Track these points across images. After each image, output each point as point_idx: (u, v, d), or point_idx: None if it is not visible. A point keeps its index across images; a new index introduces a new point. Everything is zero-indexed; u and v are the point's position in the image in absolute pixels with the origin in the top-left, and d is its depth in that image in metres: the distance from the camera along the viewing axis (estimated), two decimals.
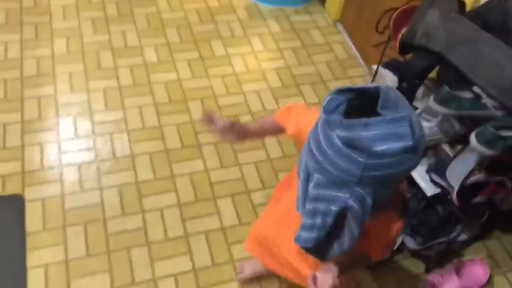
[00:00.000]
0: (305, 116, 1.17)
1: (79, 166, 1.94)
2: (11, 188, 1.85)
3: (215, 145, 2.08)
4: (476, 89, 1.37)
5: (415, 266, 1.81)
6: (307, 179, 0.90)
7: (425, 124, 1.48)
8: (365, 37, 2.48)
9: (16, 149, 1.97)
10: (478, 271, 1.77)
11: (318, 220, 0.88)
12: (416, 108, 1.51)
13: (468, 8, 1.55)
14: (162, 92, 2.25)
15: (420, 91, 1.51)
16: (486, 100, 1.35)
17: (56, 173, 1.91)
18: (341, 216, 0.87)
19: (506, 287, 1.80)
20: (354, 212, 0.86)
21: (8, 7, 2.56)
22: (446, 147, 1.54)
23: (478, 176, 1.42)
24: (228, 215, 1.87)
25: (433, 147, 1.60)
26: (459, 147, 1.54)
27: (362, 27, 2.50)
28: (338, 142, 0.81)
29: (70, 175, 1.91)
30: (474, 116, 1.36)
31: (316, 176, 0.86)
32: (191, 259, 1.74)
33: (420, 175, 1.63)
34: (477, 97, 1.36)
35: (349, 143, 0.80)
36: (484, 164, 1.40)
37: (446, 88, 1.34)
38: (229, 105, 2.25)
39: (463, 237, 1.77)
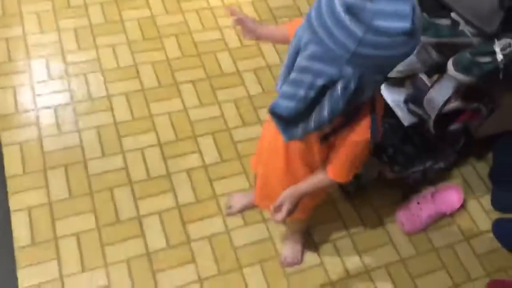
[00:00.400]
0: None
1: (55, 109, 1.91)
2: None
3: (192, 82, 2.05)
4: (454, 15, 1.36)
5: (393, 194, 1.87)
6: (296, 53, 0.88)
7: None
8: None
9: None
10: (452, 196, 1.84)
11: (301, 92, 0.88)
12: None
13: None
14: (135, 30, 2.18)
15: None
16: (463, 27, 1.35)
17: (32, 116, 1.87)
18: (321, 94, 0.88)
19: (479, 210, 1.88)
20: (335, 92, 0.87)
21: None
22: (424, 77, 1.55)
23: (455, 104, 1.44)
24: (209, 153, 1.88)
25: (411, 77, 1.60)
26: (436, 76, 1.55)
27: None
28: (339, 8, 0.79)
29: (47, 118, 1.88)
30: (451, 43, 1.35)
31: (309, 48, 0.85)
32: (175, 196, 1.77)
33: (397, 105, 1.65)
34: (455, 24, 1.36)
35: (350, 10, 0.78)
36: (461, 91, 1.42)
37: (424, 15, 1.32)
38: (205, 41, 2.20)
39: (439, 165, 1.82)
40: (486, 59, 1.29)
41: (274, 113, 0.95)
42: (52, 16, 2.17)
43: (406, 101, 1.62)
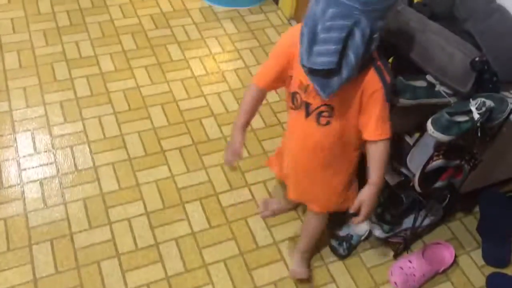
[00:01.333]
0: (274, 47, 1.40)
1: (41, 182, 1.90)
2: None
3: (179, 149, 2.07)
4: (429, 77, 1.42)
5: (384, 254, 1.86)
6: (315, 25, 1.11)
7: None
8: None
9: None
10: (444, 253, 1.83)
11: (332, 46, 1.10)
12: None
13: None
14: (121, 101, 2.22)
15: None
16: (439, 88, 1.40)
17: (17, 191, 1.86)
18: (345, 46, 1.10)
19: (471, 266, 1.87)
20: (355, 40, 1.10)
21: None
22: (406, 137, 1.58)
23: (437, 162, 1.47)
24: (197, 219, 1.86)
25: (394, 137, 1.63)
26: (417, 135, 1.59)
27: None
28: None
29: (32, 192, 1.86)
30: (429, 104, 1.40)
31: (329, 11, 1.08)
32: (163, 266, 1.73)
33: None
34: (431, 85, 1.41)
35: None
36: (442, 149, 1.45)
37: (400, 78, 1.38)
38: (190, 109, 2.24)
39: (427, 221, 1.82)
40: (464, 118, 1.33)
41: (313, 70, 1.14)
42: (39, 90, 2.21)
43: (390, 161, 1.65)
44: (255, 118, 1.93)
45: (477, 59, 1.30)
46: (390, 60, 1.53)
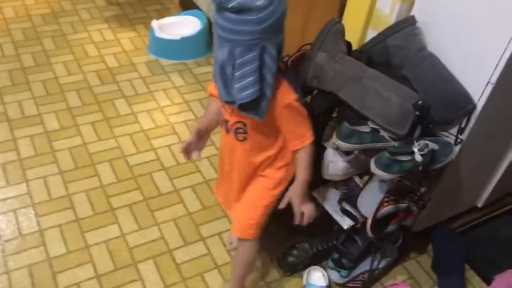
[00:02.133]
0: None
1: None
2: None
3: (129, 206, 2.01)
4: (371, 123, 1.46)
5: None
6: (222, 66, 1.19)
7: (341, 160, 1.55)
8: None
9: None
10: None
11: (250, 78, 1.18)
12: (325, 148, 1.57)
13: (354, 47, 1.67)
14: (67, 159, 2.15)
15: (326, 133, 1.58)
16: (383, 133, 1.44)
17: None
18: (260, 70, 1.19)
19: None
20: (267, 63, 1.18)
21: None
22: (356, 178, 1.61)
23: (388, 208, 1.50)
24: (151, 279, 1.79)
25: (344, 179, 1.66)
26: (367, 177, 1.62)
27: None
28: (232, 16, 1.12)
29: None
30: (375, 148, 1.44)
31: (235, 51, 1.16)
32: None
33: (333, 208, 1.68)
34: (375, 130, 1.45)
35: (239, 11, 1.11)
36: (391, 195, 1.48)
37: (346, 124, 1.41)
38: (140, 164, 2.20)
39: (383, 263, 1.83)
40: (405, 158, 1.37)
41: (243, 104, 1.21)
42: None
43: (339, 201, 1.67)
44: (204, 167, 1.92)
45: (420, 102, 1.36)
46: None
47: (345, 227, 1.65)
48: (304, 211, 1.43)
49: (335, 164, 1.59)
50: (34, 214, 1.93)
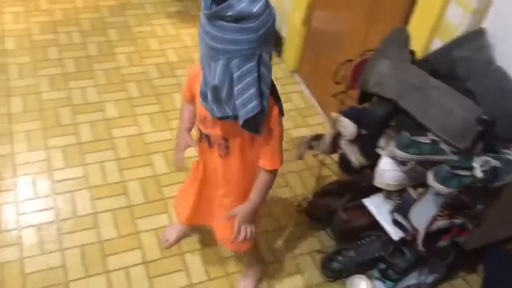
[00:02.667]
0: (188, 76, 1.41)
1: (39, 227, 1.87)
2: None
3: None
4: (431, 134, 1.43)
5: None
6: (215, 85, 1.12)
7: (396, 170, 1.52)
8: (322, 86, 2.56)
9: None
10: None
11: (251, 90, 1.12)
12: (379, 156, 1.55)
13: (418, 56, 1.64)
14: (124, 147, 2.23)
15: (383, 140, 1.56)
16: (443, 145, 1.41)
17: (14, 236, 1.83)
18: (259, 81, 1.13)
19: None
20: (263, 75, 1.13)
21: None
22: (410, 190, 1.58)
23: (441, 223, 1.46)
24: (196, 271, 1.82)
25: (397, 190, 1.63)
26: (421, 190, 1.58)
27: (319, 77, 2.59)
28: (229, 24, 1.04)
29: (30, 238, 1.83)
30: (433, 160, 1.41)
31: (232, 63, 1.09)
32: None
33: (384, 218, 1.66)
34: (435, 142, 1.42)
35: (238, 19, 1.03)
36: (446, 209, 1.45)
37: (406, 133, 1.39)
38: (193, 157, 2.23)
39: (430, 278, 1.79)
40: (465, 172, 1.33)
41: (248, 120, 1.16)
42: (42, 134, 2.22)
43: (392, 211, 1.64)
44: None
45: (484, 117, 1.32)
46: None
47: (395, 238, 1.62)
48: (242, 232, 1.41)
49: (390, 173, 1.56)
50: (90, 197, 2.00)
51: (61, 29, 2.86)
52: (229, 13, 1.02)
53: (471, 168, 1.34)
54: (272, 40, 1.14)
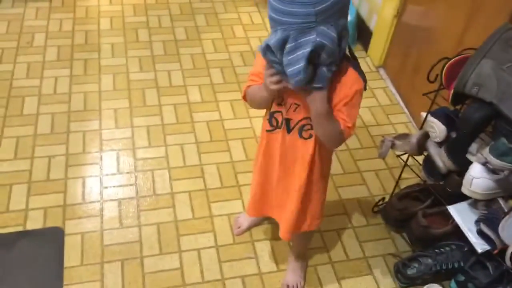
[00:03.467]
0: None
1: (120, 202, 1.95)
2: (52, 221, 1.86)
3: None
4: None
5: None
6: (281, 47, 1.09)
7: (487, 178, 1.42)
8: (409, 84, 2.45)
9: (60, 181, 1.99)
10: None
11: (301, 64, 1.08)
12: (468, 162, 1.46)
13: None
14: (204, 131, 2.26)
15: (475, 146, 1.47)
16: None
17: (96, 208, 1.92)
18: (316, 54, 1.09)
19: None
20: (327, 48, 1.08)
21: (60, 44, 2.66)
22: (501, 200, 1.47)
23: None
24: (266, 260, 1.82)
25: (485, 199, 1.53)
26: None
27: (406, 74, 2.48)
28: None
29: (110, 211, 1.92)
30: None
31: (291, 35, 1.07)
32: None
33: (468, 227, 1.56)
34: None
35: None
36: None
37: (503, 140, 1.29)
38: None
39: None
40: None
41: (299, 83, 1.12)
42: (128, 113, 2.31)
43: (478, 221, 1.54)
44: (333, 165, 1.87)
45: None
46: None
47: (479, 250, 1.52)
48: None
49: (480, 181, 1.47)
50: (169, 177, 2.06)
51: (151, 12, 2.95)
52: None
53: None
54: (344, 14, 1.12)
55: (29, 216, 1.86)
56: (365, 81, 1.26)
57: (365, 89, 1.26)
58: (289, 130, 1.36)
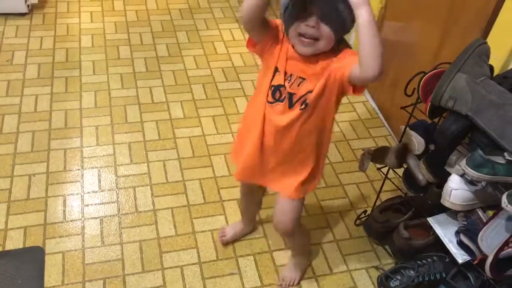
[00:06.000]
0: None
1: (101, 220, 1.93)
2: (32, 240, 1.83)
3: (237, 201, 2.06)
4: (507, 154, 1.35)
5: None
6: None
7: (466, 189, 1.45)
8: (388, 98, 2.49)
9: (40, 200, 1.97)
10: None
11: None
12: (447, 174, 1.49)
13: (496, 72, 1.56)
14: (187, 147, 2.26)
15: (453, 158, 1.49)
16: None
17: (78, 226, 1.90)
18: None
19: None
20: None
21: (41, 62, 2.65)
22: (479, 211, 1.50)
23: None
24: (249, 275, 1.82)
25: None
26: (491, 213, 1.50)
27: (385, 88, 2.52)
28: None
29: (92, 229, 1.90)
30: (508, 182, 1.33)
31: None
32: None
33: (449, 238, 1.58)
34: (510, 162, 1.34)
35: None
36: None
37: (479, 152, 1.32)
38: None
39: None
40: None
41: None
42: (110, 130, 2.30)
43: (457, 232, 1.56)
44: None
45: None
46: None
47: (460, 261, 1.54)
48: None
49: (459, 192, 1.49)
50: (151, 194, 2.05)
51: (133, 29, 2.96)
52: None
53: None
54: None
55: (9, 235, 1.84)
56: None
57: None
58: (291, 105, 1.36)
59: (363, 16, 1.17)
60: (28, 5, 2.95)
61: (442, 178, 1.55)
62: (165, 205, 2.01)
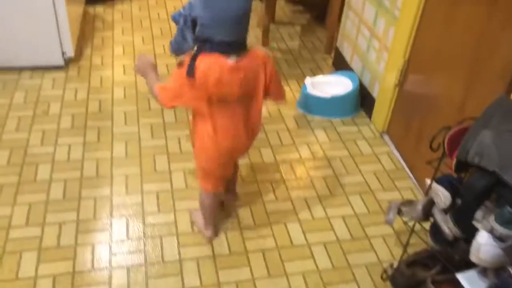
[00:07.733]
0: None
1: (128, 269, 1.95)
2: None
3: (263, 252, 2.06)
4: None
5: None
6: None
7: (495, 246, 1.43)
8: (413, 149, 2.51)
9: (69, 248, 2.01)
10: None
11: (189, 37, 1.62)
12: (476, 229, 1.48)
13: None
14: None
15: (480, 213, 1.49)
16: None
17: (105, 275, 1.92)
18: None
19: None
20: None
21: (75, 112, 2.77)
22: (511, 268, 1.47)
23: None
24: None
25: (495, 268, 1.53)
26: None
27: (410, 140, 2.54)
28: None
29: (119, 278, 1.92)
30: None
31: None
32: None
33: None
34: None
35: None
36: None
37: (508, 208, 1.31)
38: (277, 212, 2.26)
39: None
40: None
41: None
42: (139, 179, 2.36)
43: None
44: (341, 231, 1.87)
45: None
46: None
47: None
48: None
49: (488, 248, 1.47)
50: (177, 243, 2.07)
51: None
52: None
53: None
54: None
55: (38, 284, 1.87)
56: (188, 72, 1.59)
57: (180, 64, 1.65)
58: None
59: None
60: (64, 59, 3.11)
61: (469, 233, 1.53)
62: (191, 255, 2.03)
